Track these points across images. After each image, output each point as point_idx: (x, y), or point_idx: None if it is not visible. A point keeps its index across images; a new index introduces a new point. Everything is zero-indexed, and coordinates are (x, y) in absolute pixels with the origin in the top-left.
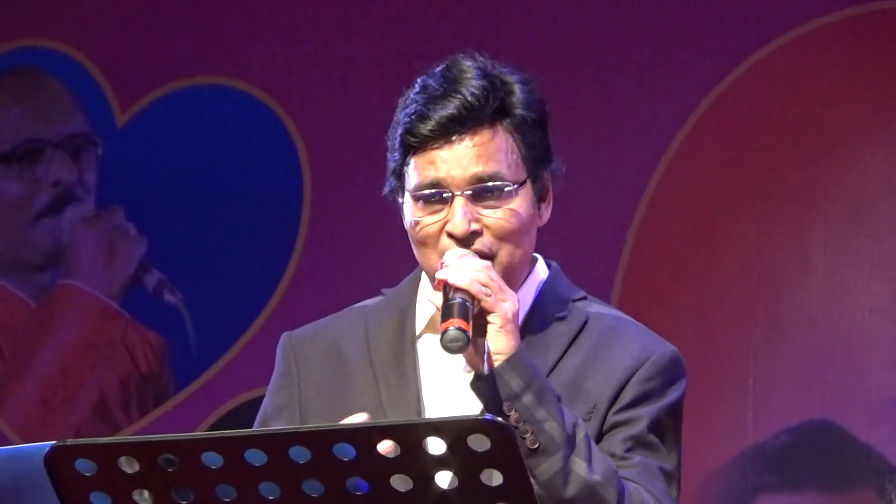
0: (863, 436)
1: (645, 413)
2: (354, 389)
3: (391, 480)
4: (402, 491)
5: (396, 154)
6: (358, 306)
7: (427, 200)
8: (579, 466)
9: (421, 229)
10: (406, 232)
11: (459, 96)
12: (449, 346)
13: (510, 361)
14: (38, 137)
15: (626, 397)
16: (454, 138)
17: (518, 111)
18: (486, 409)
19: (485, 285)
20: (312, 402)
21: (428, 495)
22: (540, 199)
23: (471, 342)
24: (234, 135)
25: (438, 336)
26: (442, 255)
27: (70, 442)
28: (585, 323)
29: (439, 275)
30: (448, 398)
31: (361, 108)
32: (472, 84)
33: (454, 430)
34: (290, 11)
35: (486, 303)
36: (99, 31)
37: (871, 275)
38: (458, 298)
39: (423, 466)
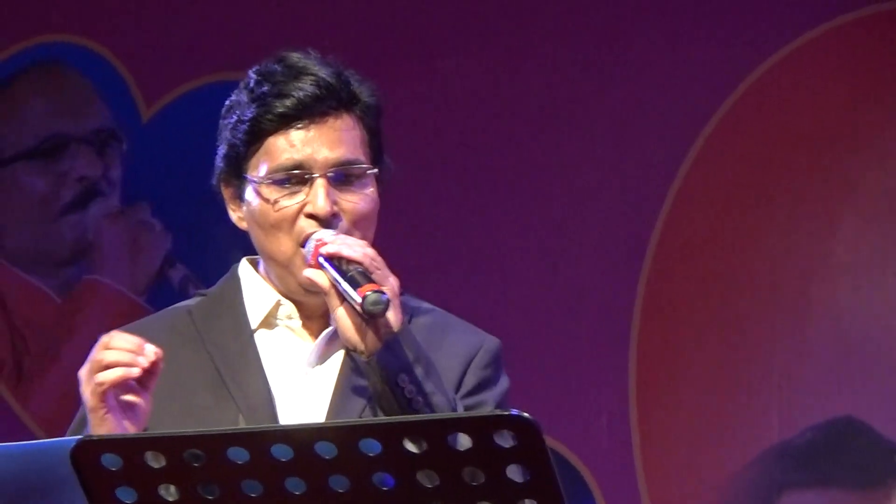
0: (889, 433)
1: (490, 398)
2: (196, 385)
3: (417, 476)
4: (429, 486)
5: (238, 140)
6: (175, 307)
7: (284, 183)
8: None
9: (278, 212)
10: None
11: (315, 77)
12: (371, 310)
13: (402, 334)
14: (64, 132)
15: (468, 384)
16: (316, 119)
17: (365, 98)
18: (379, 383)
19: (373, 259)
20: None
21: (454, 491)
22: (382, 187)
23: (360, 318)
24: None
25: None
26: (298, 238)
27: (96, 437)
28: (411, 317)
29: (328, 249)
30: (295, 390)
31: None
32: (322, 70)
33: (480, 425)
34: (317, 9)
35: (377, 276)
36: (124, 26)
37: None
38: (358, 269)
39: (448, 462)
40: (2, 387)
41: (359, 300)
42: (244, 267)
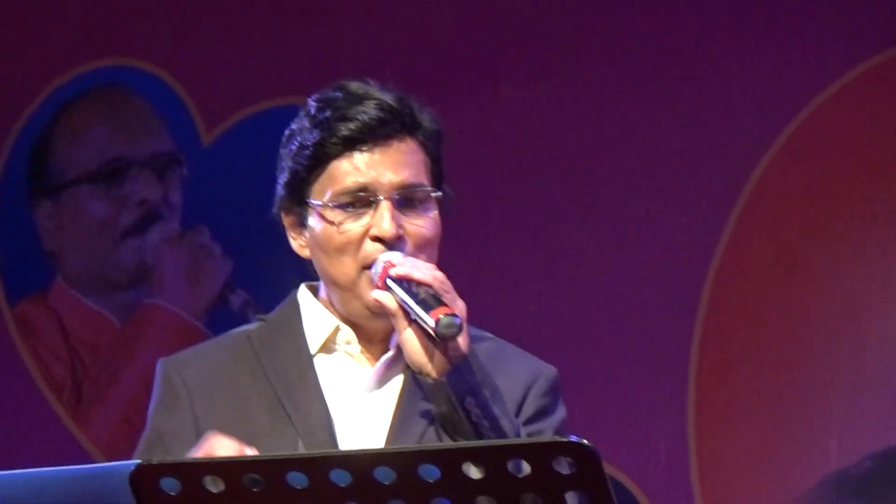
0: None
1: (548, 427)
2: (255, 409)
3: (476, 502)
4: None
5: (300, 166)
6: (235, 331)
7: (348, 206)
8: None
9: (342, 234)
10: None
11: (378, 101)
12: (445, 332)
13: (469, 357)
14: (124, 156)
15: (527, 411)
16: (380, 142)
17: (427, 124)
18: (446, 405)
19: (442, 282)
20: (209, 424)
21: None
22: (443, 214)
23: (429, 340)
24: None
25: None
26: (363, 261)
27: (155, 460)
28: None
29: (398, 271)
30: (354, 414)
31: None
32: (384, 94)
33: (539, 451)
34: (379, 35)
35: (447, 298)
36: (186, 50)
37: None
38: (429, 292)
39: (507, 488)
40: (61, 410)
41: (431, 323)
42: (303, 293)
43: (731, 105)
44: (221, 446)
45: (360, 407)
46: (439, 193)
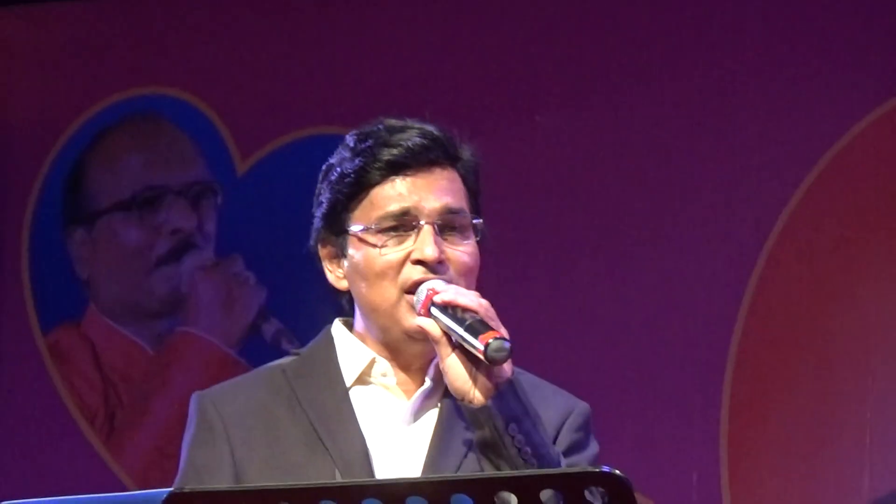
0: None
1: (582, 461)
2: (292, 442)
3: None
4: None
5: (340, 195)
6: (269, 366)
7: (391, 231)
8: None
9: (383, 258)
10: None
11: (419, 130)
12: (495, 356)
13: (512, 384)
14: (159, 184)
15: (561, 445)
16: (423, 168)
17: (466, 157)
18: (490, 431)
19: (487, 309)
20: (247, 457)
21: None
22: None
23: (473, 365)
24: None
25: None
26: (404, 285)
27: (188, 488)
28: None
29: (443, 297)
30: (391, 446)
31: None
32: (423, 126)
33: (571, 481)
34: (417, 62)
35: (493, 325)
36: (220, 79)
37: None
38: (476, 317)
39: None
40: (94, 438)
41: (481, 347)
42: (337, 327)
43: (768, 132)
44: None
45: (397, 439)
46: (479, 220)
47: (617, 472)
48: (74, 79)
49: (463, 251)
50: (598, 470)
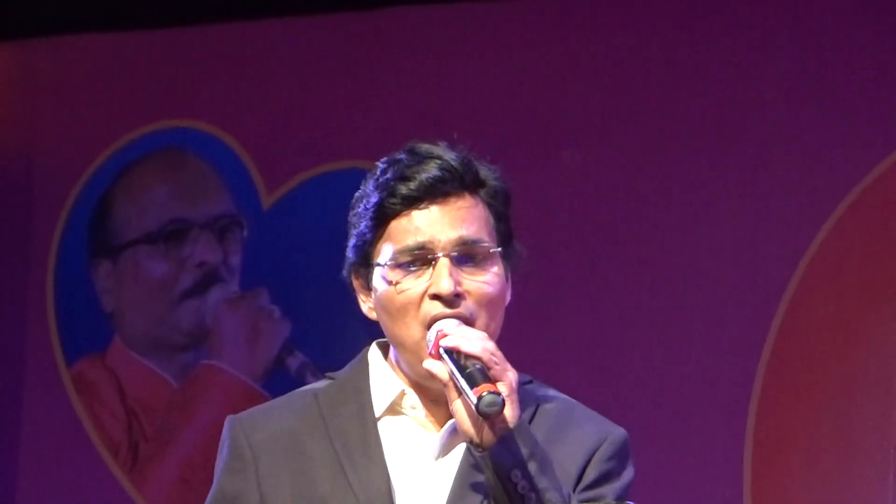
0: None
1: (610, 492)
2: (318, 473)
3: None
4: None
5: (365, 228)
6: (303, 390)
7: (409, 266)
8: None
9: (402, 294)
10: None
11: (439, 161)
12: (486, 411)
13: (517, 429)
14: (185, 218)
15: (589, 476)
16: (438, 200)
17: (492, 182)
18: (492, 477)
19: (492, 354)
20: (273, 486)
21: None
22: (511, 272)
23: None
24: None
25: (475, 403)
26: (424, 321)
27: None
28: (538, 406)
29: (448, 342)
30: (416, 480)
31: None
32: (447, 154)
33: None
34: (441, 100)
35: (495, 371)
36: (246, 113)
37: None
38: (476, 365)
39: None
40: (117, 470)
41: (474, 400)
42: (373, 352)
43: (794, 169)
44: None
45: (422, 475)
46: (499, 249)
47: None
48: (101, 111)
49: (483, 281)
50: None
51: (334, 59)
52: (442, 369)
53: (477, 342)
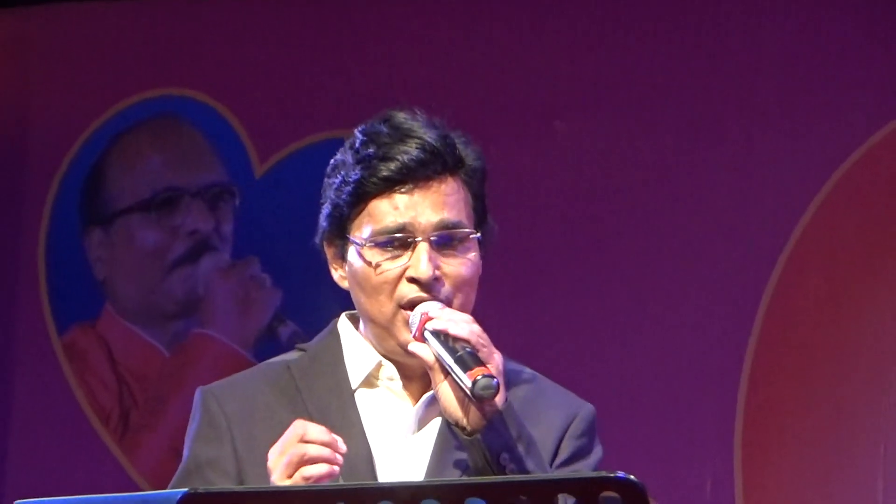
0: None
1: (585, 468)
2: None
3: None
4: None
5: (342, 202)
6: (273, 361)
7: (387, 246)
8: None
9: (379, 274)
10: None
11: (420, 141)
12: (482, 394)
13: (506, 412)
14: (177, 186)
15: (563, 453)
16: (420, 182)
17: (470, 162)
18: (481, 459)
19: (479, 337)
20: (249, 457)
21: None
22: (485, 251)
23: (465, 395)
24: None
25: (473, 384)
26: (399, 301)
27: (202, 489)
28: (508, 385)
29: (435, 325)
30: (395, 452)
31: (496, 165)
32: (428, 133)
33: (586, 486)
34: (431, 72)
35: (483, 353)
36: (240, 82)
37: None
38: (466, 348)
39: None
40: (108, 438)
41: (469, 383)
42: (343, 323)
43: (787, 138)
44: (310, 430)
45: (400, 447)
46: (478, 235)
47: (632, 477)
48: (94, 80)
49: (459, 266)
50: (613, 475)
51: (327, 29)
52: (427, 352)
53: (464, 325)
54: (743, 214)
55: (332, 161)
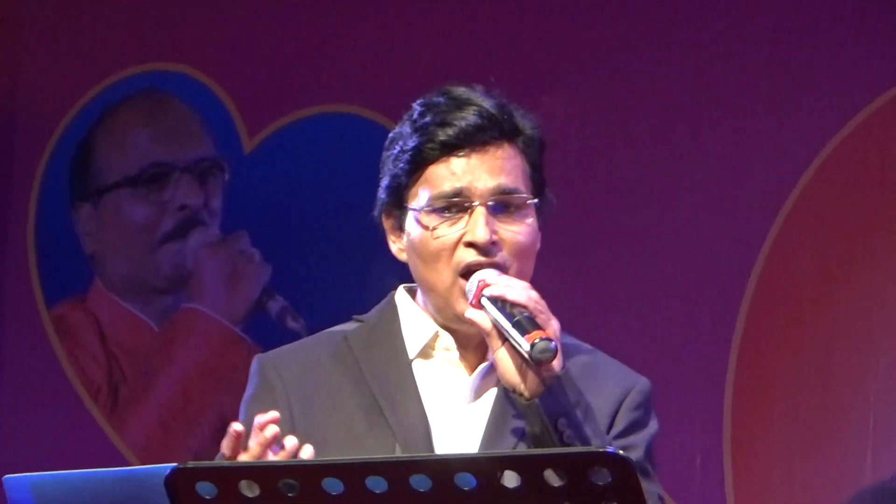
0: None
1: (639, 441)
2: (353, 411)
3: None
4: None
5: (400, 170)
6: (333, 331)
7: (444, 211)
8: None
9: (438, 240)
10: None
11: (477, 108)
12: (540, 357)
13: (564, 377)
14: (166, 161)
15: (619, 425)
16: (477, 147)
17: (528, 131)
18: (538, 425)
19: (537, 302)
20: (305, 422)
21: None
22: (543, 221)
23: (523, 361)
24: (362, 163)
25: (530, 347)
26: (457, 268)
27: (191, 464)
28: (565, 357)
29: (492, 291)
30: (451, 422)
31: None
32: (485, 101)
33: (575, 462)
34: (419, 46)
35: (541, 319)
36: (229, 56)
37: None
38: (524, 313)
39: (543, 498)
40: (97, 413)
41: (527, 347)
42: (401, 295)
43: (770, 123)
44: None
45: (456, 416)
46: (536, 200)
47: (620, 453)
48: (83, 54)
49: (517, 231)
50: (600, 451)
51: (317, 2)
52: (484, 318)
53: (522, 291)
54: (728, 195)
55: (390, 134)
